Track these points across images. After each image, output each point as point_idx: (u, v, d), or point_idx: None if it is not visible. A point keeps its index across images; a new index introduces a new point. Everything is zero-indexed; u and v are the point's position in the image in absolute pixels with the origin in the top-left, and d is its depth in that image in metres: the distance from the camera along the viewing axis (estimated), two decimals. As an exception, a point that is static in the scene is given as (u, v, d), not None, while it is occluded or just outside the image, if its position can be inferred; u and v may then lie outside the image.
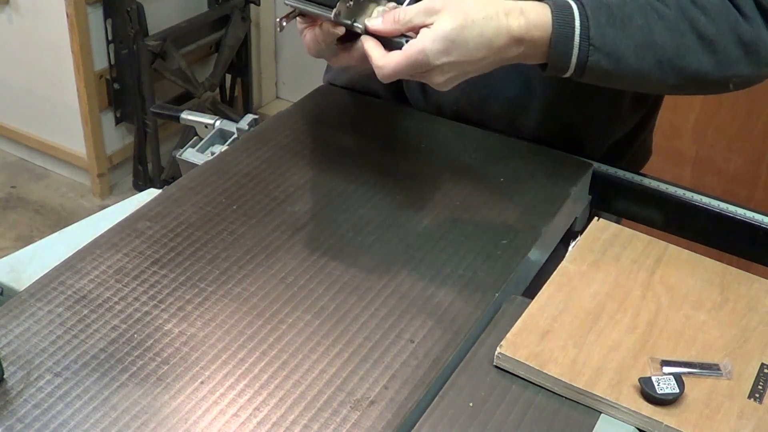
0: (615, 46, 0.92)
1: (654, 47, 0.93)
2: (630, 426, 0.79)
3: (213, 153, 1.18)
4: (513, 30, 0.91)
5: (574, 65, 0.93)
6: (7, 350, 0.81)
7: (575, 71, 0.94)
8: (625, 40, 0.92)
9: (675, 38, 0.93)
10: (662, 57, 0.93)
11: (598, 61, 0.92)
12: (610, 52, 0.92)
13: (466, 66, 0.92)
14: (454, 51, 0.90)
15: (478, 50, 0.91)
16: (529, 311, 0.89)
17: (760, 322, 0.90)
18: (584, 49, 0.92)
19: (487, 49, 0.91)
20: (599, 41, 0.92)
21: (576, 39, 0.92)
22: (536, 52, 0.94)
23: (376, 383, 0.80)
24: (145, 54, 2.69)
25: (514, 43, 0.92)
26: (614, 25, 0.92)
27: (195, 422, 0.75)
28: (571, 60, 0.93)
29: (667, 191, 1.11)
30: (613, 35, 0.92)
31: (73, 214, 2.84)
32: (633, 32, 0.92)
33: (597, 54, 0.92)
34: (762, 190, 2.18)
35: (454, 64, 0.91)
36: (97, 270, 0.91)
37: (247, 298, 0.88)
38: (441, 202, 1.04)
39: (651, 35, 0.93)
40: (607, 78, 0.95)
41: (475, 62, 0.92)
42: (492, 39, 0.91)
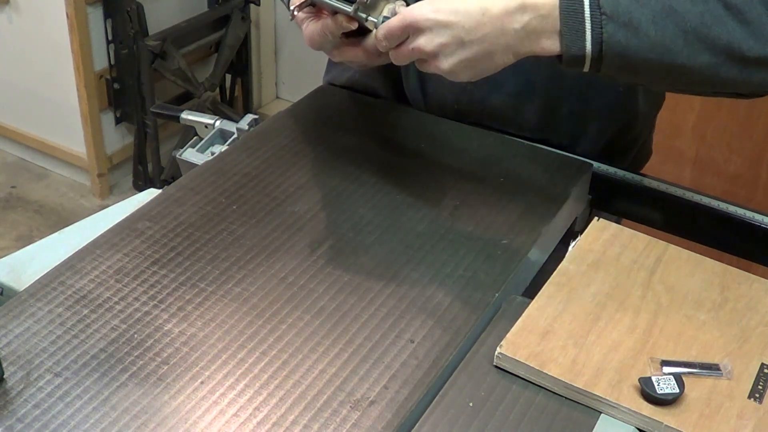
0: (630, 14, 0.84)
1: (674, 14, 0.84)
2: (630, 426, 0.79)
3: (213, 153, 1.18)
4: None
5: (589, 42, 0.85)
6: (7, 350, 0.81)
7: (594, 53, 0.85)
8: (640, 7, 0.84)
9: (697, 5, 0.85)
10: (686, 25, 0.84)
11: (614, 33, 0.84)
12: (626, 22, 0.84)
13: (460, 32, 0.87)
14: (443, 10, 0.86)
15: (472, 15, 0.86)
16: (529, 311, 0.89)
17: (760, 322, 0.90)
18: (596, 19, 0.84)
19: (482, 14, 0.86)
20: (611, 9, 0.84)
21: (586, 9, 0.84)
22: (544, 26, 0.86)
23: (376, 383, 0.80)
24: (145, 54, 2.69)
25: (515, 10, 0.86)
26: None
27: (195, 422, 0.75)
28: (585, 36, 0.85)
29: (667, 191, 1.11)
30: (627, 2, 0.84)
31: (73, 214, 2.84)
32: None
33: (612, 25, 0.84)
34: (762, 190, 2.18)
35: (444, 25, 0.87)
36: (97, 270, 0.91)
37: (247, 298, 0.88)
38: (441, 202, 1.04)
39: (669, 1, 0.85)
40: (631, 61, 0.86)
41: (469, 30, 0.86)
42: (485, 2, 0.86)
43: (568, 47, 0.86)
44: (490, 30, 0.87)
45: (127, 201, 1.06)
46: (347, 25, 0.94)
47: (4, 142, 3.11)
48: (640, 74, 0.89)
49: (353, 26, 0.94)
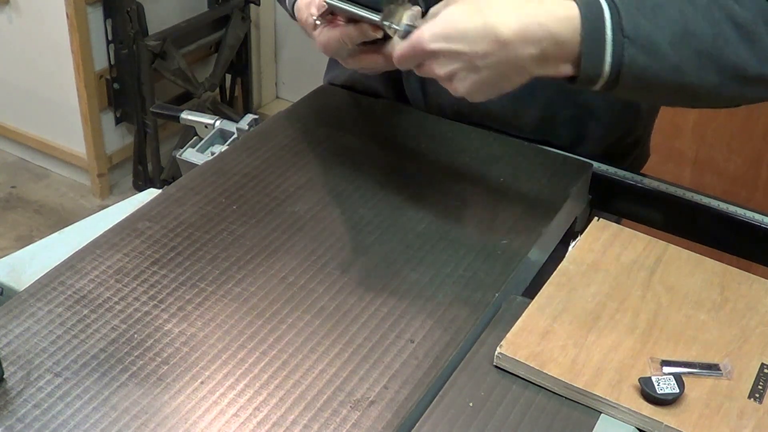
0: (650, 37, 0.82)
1: (690, 37, 0.83)
2: (630, 426, 0.79)
3: (213, 153, 1.18)
4: (525, 19, 0.82)
5: (608, 65, 0.83)
6: (7, 350, 0.81)
7: (610, 73, 0.83)
8: (660, 30, 0.83)
9: (711, 26, 0.84)
10: (700, 47, 0.84)
11: (635, 56, 0.82)
12: (645, 45, 0.82)
13: (471, 58, 0.84)
14: (453, 37, 0.84)
15: (482, 40, 0.83)
16: (529, 311, 0.89)
17: (760, 322, 0.90)
18: (618, 42, 0.82)
19: (493, 42, 0.83)
20: (633, 32, 0.82)
21: (608, 33, 0.82)
22: (561, 53, 0.84)
23: (376, 383, 0.80)
24: (145, 54, 2.69)
25: (530, 37, 0.83)
26: (646, 14, 0.83)
27: (195, 422, 0.75)
28: (605, 59, 0.83)
29: (667, 191, 1.11)
30: (647, 26, 0.82)
31: (73, 214, 2.84)
32: (667, 21, 0.83)
33: (633, 48, 0.82)
34: (762, 190, 2.18)
35: (455, 53, 0.84)
36: (97, 270, 0.91)
37: (247, 298, 0.88)
38: (441, 202, 1.04)
39: (686, 24, 0.83)
40: (645, 83, 0.85)
41: (480, 56, 0.83)
42: (498, 28, 0.82)
43: (585, 70, 0.84)
44: (503, 56, 0.84)
45: (127, 201, 1.06)
46: (372, 34, 0.91)
47: (4, 142, 3.11)
48: (650, 94, 0.89)
49: (378, 35, 0.91)
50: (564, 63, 0.85)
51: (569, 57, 0.84)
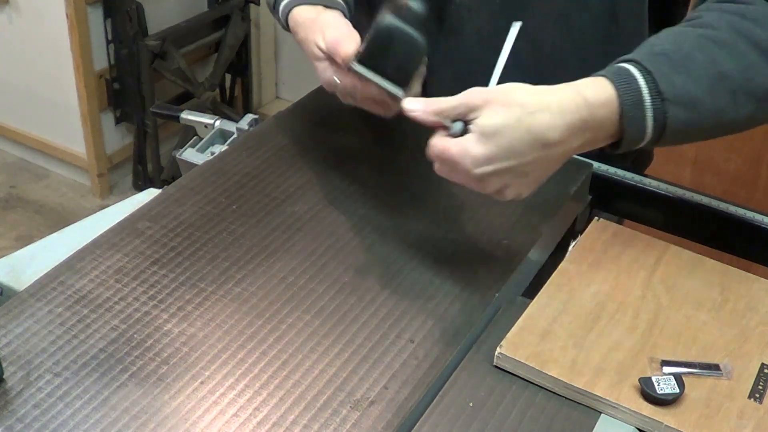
0: (688, 92, 0.82)
1: (724, 78, 0.84)
2: (630, 426, 0.79)
3: (213, 153, 1.18)
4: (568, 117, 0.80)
5: (651, 128, 0.83)
6: (7, 350, 0.81)
7: (653, 135, 0.83)
8: (695, 82, 0.83)
9: (740, 61, 0.84)
10: (734, 86, 0.84)
11: (676, 115, 0.82)
12: (685, 102, 0.82)
13: (523, 169, 0.82)
14: (499, 156, 0.80)
15: (530, 151, 0.80)
16: (529, 311, 0.89)
17: (760, 322, 0.90)
18: (658, 106, 0.82)
19: (541, 148, 0.80)
20: (671, 93, 0.82)
21: (646, 100, 0.82)
22: (604, 134, 0.83)
23: (376, 383, 0.80)
24: (145, 54, 2.69)
25: (576, 131, 0.81)
26: (677, 69, 0.83)
27: (195, 422, 0.75)
28: (646, 124, 0.82)
29: (667, 191, 1.11)
30: (682, 81, 0.82)
31: (73, 214, 2.84)
32: (699, 71, 0.83)
33: (673, 108, 0.82)
34: (762, 190, 2.18)
35: (503, 171, 0.81)
36: (97, 270, 0.90)
37: (247, 298, 0.88)
38: (441, 202, 1.04)
39: (716, 66, 0.84)
40: (685, 133, 0.85)
41: (529, 163, 0.81)
42: (545, 134, 0.80)
43: (629, 138, 0.84)
44: (552, 156, 0.83)
45: (127, 201, 1.06)
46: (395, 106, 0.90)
47: (4, 142, 3.11)
48: (691, 139, 0.88)
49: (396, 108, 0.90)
50: (611, 136, 0.85)
51: (612, 134, 0.84)
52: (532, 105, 0.80)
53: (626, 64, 0.84)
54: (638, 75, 0.82)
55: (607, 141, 0.85)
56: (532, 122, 0.80)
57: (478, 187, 0.84)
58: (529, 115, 0.80)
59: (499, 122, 0.80)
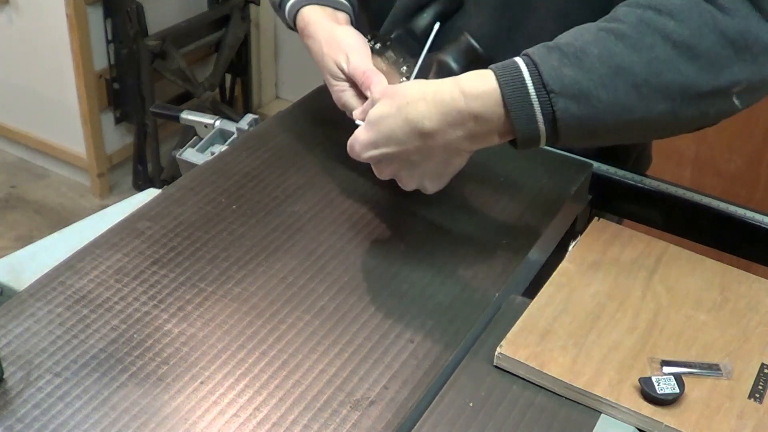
0: (578, 84, 0.81)
1: (621, 71, 0.81)
2: (630, 426, 0.79)
3: (213, 153, 1.18)
4: (443, 108, 0.84)
5: (542, 124, 0.82)
6: (7, 350, 0.81)
7: (549, 131, 0.83)
8: (587, 74, 0.81)
9: (643, 54, 0.81)
10: (635, 79, 0.81)
11: (567, 108, 0.81)
12: (575, 94, 0.81)
13: (406, 157, 0.88)
14: (381, 141, 0.88)
15: (408, 137, 0.86)
16: (529, 311, 0.89)
17: (760, 322, 0.90)
18: (544, 100, 0.81)
19: (419, 137, 0.85)
20: (558, 84, 0.81)
21: (531, 92, 0.81)
22: (492, 125, 0.84)
23: (376, 383, 0.80)
24: (145, 54, 2.69)
25: (455, 120, 0.84)
26: (569, 63, 0.81)
27: (195, 422, 0.75)
28: (536, 118, 0.82)
29: (667, 191, 1.11)
30: (572, 74, 0.81)
31: (73, 214, 2.84)
32: (592, 63, 0.81)
33: (562, 100, 0.81)
34: (762, 190, 2.18)
35: (388, 156, 0.88)
36: (97, 270, 0.90)
37: (247, 298, 0.88)
38: (441, 202, 1.04)
39: (613, 59, 0.81)
40: (589, 128, 0.83)
41: (413, 152, 0.87)
42: (420, 123, 0.84)
43: (521, 132, 0.83)
44: (434, 146, 0.86)
45: (127, 201, 1.06)
46: None
47: (4, 142, 3.11)
48: (599, 137, 0.86)
49: None
50: (498, 133, 0.85)
51: (500, 127, 0.84)
52: (411, 95, 0.85)
53: (517, 57, 0.84)
54: (524, 67, 0.82)
55: (503, 135, 0.85)
56: (409, 111, 0.85)
57: (376, 172, 0.92)
58: (407, 104, 0.85)
59: (381, 112, 0.87)
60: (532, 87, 0.81)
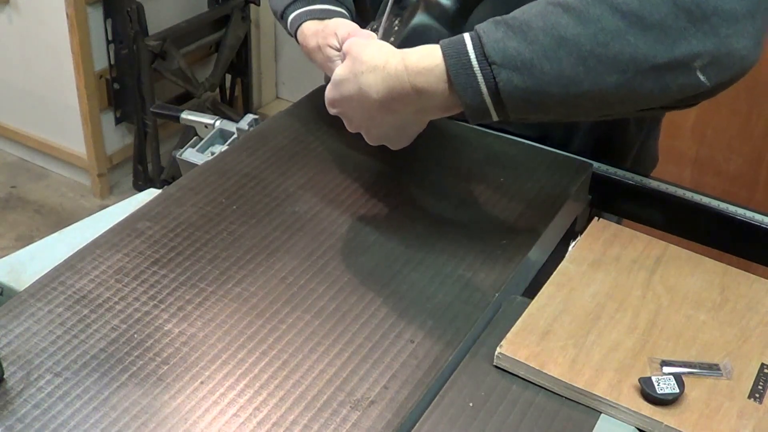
0: (520, 56, 0.80)
1: (565, 43, 0.80)
2: (630, 426, 0.79)
3: (213, 153, 1.18)
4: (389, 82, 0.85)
5: (487, 95, 0.82)
6: (7, 350, 0.81)
7: (494, 103, 0.83)
8: (530, 46, 0.80)
9: (589, 26, 0.79)
10: (581, 51, 0.79)
11: (510, 79, 0.81)
12: (517, 66, 0.80)
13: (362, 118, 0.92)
14: (340, 102, 0.92)
15: (359, 106, 0.90)
16: (529, 311, 0.89)
17: (760, 322, 0.90)
18: (486, 70, 0.81)
19: (369, 106, 0.89)
20: (500, 56, 0.81)
21: (474, 64, 0.82)
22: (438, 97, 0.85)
23: (376, 383, 0.80)
24: (145, 54, 2.69)
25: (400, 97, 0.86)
26: (513, 36, 0.81)
27: (195, 422, 0.75)
28: (480, 90, 0.82)
29: (667, 191, 1.11)
30: (515, 46, 0.81)
31: (73, 214, 2.84)
32: (535, 35, 0.81)
33: (503, 71, 0.81)
34: (762, 190, 2.18)
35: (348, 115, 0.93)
36: (97, 270, 0.91)
37: (247, 298, 0.88)
38: (441, 202, 1.04)
39: (557, 30, 0.80)
40: (535, 101, 0.82)
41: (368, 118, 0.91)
42: (368, 94, 0.87)
43: (467, 104, 0.84)
44: (385, 116, 0.90)
45: (127, 201, 1.06)
46: None
47: (4, 142, 3.11)
48: (550, 110, 0.84)
49: None
50: (446, 106, 0.86)
51: (446, 101, 0.85)
52: (367, 63, 0.87)
53: (465, 33, 0.84)
54: (468, 41, 0.83)
55: (450, 109, 0.86)
56: (361, 80, 0.87)
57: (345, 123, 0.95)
58: (361, 73, 0.87)
59: (341, 74, 0.90)
60: (475, 60, 0.82)
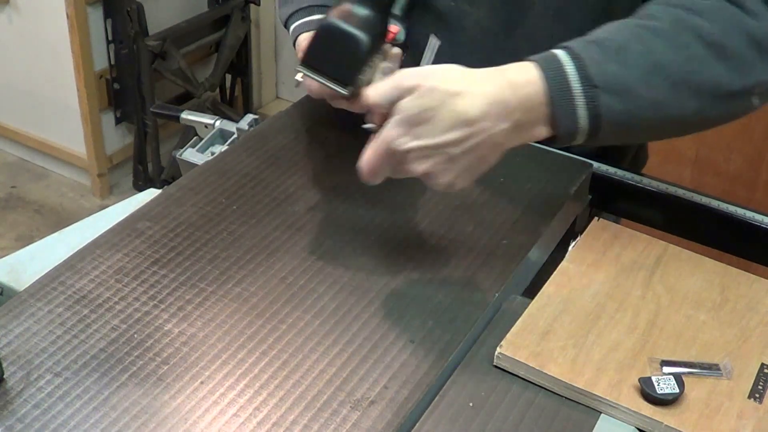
0: (621, 80, 0.81)
1: (661, 69, 0.82)
2: (630, 426, 0.79)
3: (213, 153, 1.18)
4: (491, 96, 0.80)
5: (585, 118, 0.81)
6: (7, 350, 0.81)
7: (590, 127, 0.82)
8: (629, 70, 0.81)
9: (680, 52, 0.82)
10: (674, 77, 0.82)
11: (610, 104, 0.80)
12: (619, 90, 0.80)
13: (447, 149, 0.81)
14: (422, 133, 0.80)
15: (453, 128, 0.80)
16: (529, 311, 0.89)
17: (760, 322, 0.90)
18: (589, 94, 0.80)
19: (464, 125, 0.80)
20: (602, 80, 0.80)
21: (575, 86, 0.80)
22: (534, 117, 0.82)
23: (376, 383, 0.80)
24: (145, 54, 2.69)
25: (500, 112, 0.80)
26: (610, 58, 0.81)
27: (195, 422, 0.75)
28: (577, 114, 0.81)
29: (667, 191, 1.11)
30: (615, 69, 0.81)
31: (73, 214, 2.84)
32: (634, 60, 0.81)
33: (606, 96, 0.80)
34: (762, 190, 2.18)
35: (428, 148, 0.81)
36: (97, 270, 0.91)
37: (247, 298, 0.88)
38: (441, 202, 1.04)
39: (653, 56, 0.82)
40: (627, 125, 0.83)
41: (455, 143, 0.80)
42: (466, 112, 0.80)
43: (562, 128, 0.82)
44: (478, 139, 0.81)
45: (127, 201, 1.06)
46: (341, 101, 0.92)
47: (4, 142, 3.11)
48: (634, 134, 0.87)
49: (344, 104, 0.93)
50: (538, 126, 0.83)
51: (541, 119, 0.82)
52: (456, 86, 0.80)
53: (555, 50, 0.83)
54: (566, 59, 0.81)
55: (540, 130, 0.83)
56: (455, 102, 0.80)
57: (408, 168, 0.83)
58: (447, 93, 0.80)
59: (420, 102, 0.80)
60: (577, 82, 0.80)
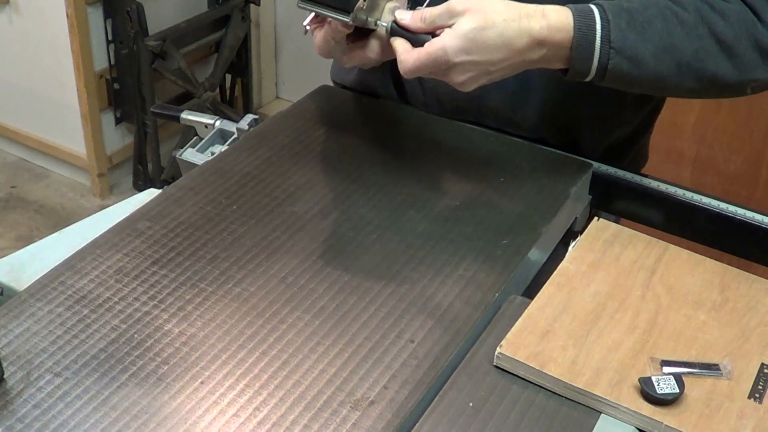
0: (636, 49, 0.94)
1: (673, 50, 0.95)
2: (630, 426, 0.79)
3: (213, 153, 1.18)
4: (534, 32, 0.93)
5: (595, 69, 0.95)
6: (7, 350, 0.81)
7: (596, 75, 0.96)
8: (645, 43, 0.94)
9: (694, 42, 0.95)
10: (681, 60, 0.95)
11: (619, 65, 0.94)
12: (631, 56, 0.94)
13: (487, 66, 0.94)
14: (474, 50, 0.93)
15: (499, 51, 0.93)
16: (529, 311, 0.89)
17: (760, 322, 0.90)
18: (605, 52, 0.94)
19: (508, 50, 0.93)
20: (620, 45, 0.94)
21: (597, 43, 0.94)
22: (558, 55, 0.95)
23: (376, 383, 0.80)
24: (145, 54, 2.69)
25: (535, 46, 0.94)
26: (635, 29, 0.94)
27: (195, 422, 0.75)
28: (592, 64, 0.95)
29: (667, 191, 1.11)
30: (634, 39, 0.94)
31: (73, 214, 2.84)
32: (653, 36, 0.94)
33: (618, 57, 0.94)
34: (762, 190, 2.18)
35: (475, 63, 0.93)
36: (97, 270, 0.91)
37: (247, 298, 0.88)
38: (441, 202, 1.04)
39: (670, 38, 0.95)
40: (626, 82, 0.97)
41: (496, 63, 0.94)
42: (512, 40, 0.93)
43: (574, 70, 0.96)
44: (513, 62, 0.95)
45: (127, 201, 1.06)
46: (343, 29, 0.97)
47: (4, 142, 3.11)
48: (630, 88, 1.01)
49: (349, 30, 0.97)
50: (558, 62, 0.97)
51: (563, 58, 0.96)
52: (506, 14, 0.93)
53: (594, 6, 0.95)
54: (598, 20, 0.94)
55: (558, 64, 0.97)
56: (505, 28, 0.93)
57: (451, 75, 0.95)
58: (503, 21, 0.93)
59: (477, 25, 0.92)
60: (599, 40, 0.94)
